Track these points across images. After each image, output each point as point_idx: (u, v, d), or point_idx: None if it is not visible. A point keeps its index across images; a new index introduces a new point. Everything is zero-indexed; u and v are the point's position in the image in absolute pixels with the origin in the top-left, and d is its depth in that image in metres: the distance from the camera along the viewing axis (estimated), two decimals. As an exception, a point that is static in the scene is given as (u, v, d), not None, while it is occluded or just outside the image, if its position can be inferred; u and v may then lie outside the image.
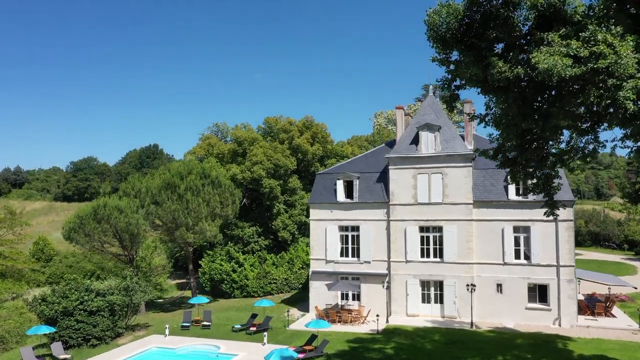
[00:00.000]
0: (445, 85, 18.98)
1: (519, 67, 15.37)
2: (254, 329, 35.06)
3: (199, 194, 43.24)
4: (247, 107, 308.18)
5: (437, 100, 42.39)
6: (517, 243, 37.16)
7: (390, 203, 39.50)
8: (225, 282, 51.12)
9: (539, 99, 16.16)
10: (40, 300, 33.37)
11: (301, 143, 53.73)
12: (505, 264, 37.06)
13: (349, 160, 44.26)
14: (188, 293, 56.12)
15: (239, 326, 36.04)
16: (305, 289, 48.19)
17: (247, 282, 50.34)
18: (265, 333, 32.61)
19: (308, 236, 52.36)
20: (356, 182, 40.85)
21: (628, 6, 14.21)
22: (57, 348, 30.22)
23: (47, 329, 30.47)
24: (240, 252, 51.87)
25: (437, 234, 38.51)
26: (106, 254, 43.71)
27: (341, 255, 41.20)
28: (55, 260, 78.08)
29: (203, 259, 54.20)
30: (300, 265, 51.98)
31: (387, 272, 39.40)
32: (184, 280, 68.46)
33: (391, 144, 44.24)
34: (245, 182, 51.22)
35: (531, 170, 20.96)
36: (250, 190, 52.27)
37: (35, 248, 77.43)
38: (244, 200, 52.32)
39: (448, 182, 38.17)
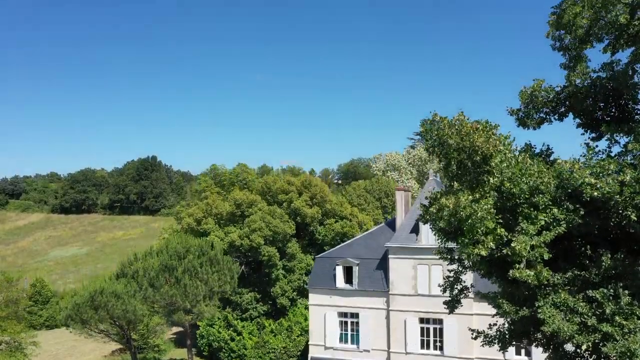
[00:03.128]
0: (448, 286, 18.60)
1: (525, 309, 14.98)
2: None
3: (196, 275, 42.80)
4: (248, 111, 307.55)
5: (437, 187, 41.90)
6: (517, 339, 36.85)
7: (390, 292, 39.21)
8: (224, 350, 50.87)
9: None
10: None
11: (300, 206, 53.33)
12: (506, 360, 36.78)
13: (349, 241, 43.91)
14: (182, 353, 55.68)
15: None
16: (304, 356, 47.92)
17: (245, 352, 50.05)
18: None
19: (307, 297, 52.12)
20: (356, 269, 40.52)
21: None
22: None
23: None
24: (238, 319, 51.57)
25: (438, 326, 38.23)
26: (102, 336, 43.31)
27: (340, 341, 40.94)
28: (52, 302, 77.88)
29: (201, 321, 53.81)
30: (299, 332, 51.62)
31: (386, 362, 39.19)
32: (182, 330, 68.14)
33: (391, 223, 43.82)
34: (244, 250, 50.84)
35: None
36: (249, 256, 51.88)
37: (33, 290, 77.06)
38: (242, 267, 51.91)
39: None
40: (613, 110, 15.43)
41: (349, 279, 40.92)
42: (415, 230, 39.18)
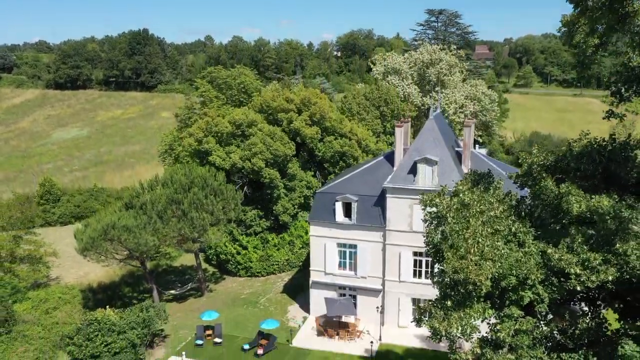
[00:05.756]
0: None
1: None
2: (262, 351, 39.37)
3: (202, 207, 44.77)
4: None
5: (437, 126, 41.92)
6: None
7: (386, 228, 41.47)
8: (231, 262, 54.81)
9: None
10: (68, 339, 37.06)
11: (300, 126, 53.61)
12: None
13: (348, 176, 44.88)
14: (193, 258, 59.36)
15: (247, 346, 40.27)
16: (306, 267, 51.66)
17: (251, 265, 54.02)
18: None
19: (309, 211, 54.87)
20: (354, 205, 42.28)
21: None
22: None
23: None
24: (243, 234, 54.72)
25: (430, 259, 41.02)
26: (119, 263, 46.52)
27: (339, 268, 44.18)
28: (63, 200, 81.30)
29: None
30: (301, 246, 55.22)
31: (381, 287, 42.77)
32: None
33: (390, 157, 44.61)
34: (246, 172, 52.24)
35: None
36: (251, 178, 53.39)
37: (42, 190, 79.93)
38: (245, 188, 53.77)
39: (442, 215, 39.70)
40: (608, 175, 15.84)
41: (347, 213, 42.90)
42: (413, 171, 40.19)
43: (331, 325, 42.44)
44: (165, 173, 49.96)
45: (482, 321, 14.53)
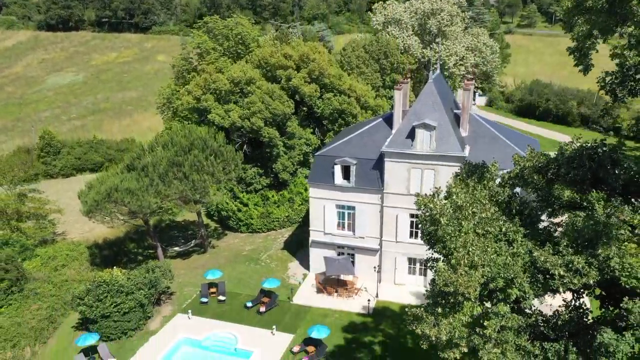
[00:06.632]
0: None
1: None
2: (264, 309, 41.28)
3: (202, 169, 45.40)
4: None
5: (436, 89, 41.74)
6: (496, 234, 41.20)
7: (384, 191, 42.33)
8: (232, 219, 56.10)
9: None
10: (78, 300, 38.75)
11: (298, 84, 53.30)
12: (483, 250, 41.63)
13: (346, 138, 45.10)
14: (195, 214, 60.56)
15: (250, 304, 42.15)
16: (305, 224, 53.10)
17: (252, 221, 55.32)
18: (275, 327, 38.90)
19: (308, 168, 55.77)
20: (353, 168, 42.91)
21: None
22: (103, 350, 36.78)
23: (93, 338, 36.58)
24: (244, 191, 55.69)
25: (426, 221, 42.19)
26: (123, 224, 47.67)
27: (338, 228, 45.40)
28: (63, 153, 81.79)
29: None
30: (300, 202, 56.33)
31: (378, 247, 44.21)
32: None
33: (388, 119, 44.75)
34: (245, 131, 52.48)
35: None
36: (250, 136, 53.67)
37: (42, 142, 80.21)
38: (245, 147, 54.16)
39: (439, 179, 40.41)
40: (596, 180, 16.44)
41: (346, 176, 43.58)
42: (411, 135, 40.53)
43: (330, 283, 44.24)
44: (164, 134, 50.20)
45: (471, 317, 15.64)
